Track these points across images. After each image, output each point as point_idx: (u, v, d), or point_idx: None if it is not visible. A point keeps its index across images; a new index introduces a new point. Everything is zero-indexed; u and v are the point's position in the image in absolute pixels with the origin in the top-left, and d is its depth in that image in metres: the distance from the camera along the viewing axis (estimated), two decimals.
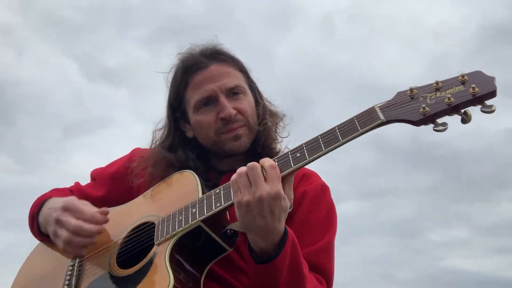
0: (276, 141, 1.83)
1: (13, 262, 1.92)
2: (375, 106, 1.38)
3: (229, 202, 1.46)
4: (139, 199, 1.76)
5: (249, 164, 1.38)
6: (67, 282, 1.64)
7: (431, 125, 1.31)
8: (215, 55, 1.79)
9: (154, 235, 1.55)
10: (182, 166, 1.74)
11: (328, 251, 1.66)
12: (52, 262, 1.78)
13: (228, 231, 1.53)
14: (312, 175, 1.81)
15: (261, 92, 1.90)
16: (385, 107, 1.37)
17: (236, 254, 1.62)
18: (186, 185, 1.63)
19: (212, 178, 1.76)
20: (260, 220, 1.35)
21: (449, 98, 1.28)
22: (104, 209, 1.67)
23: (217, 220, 1.52)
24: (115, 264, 1.58)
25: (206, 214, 1.47)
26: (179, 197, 1.60)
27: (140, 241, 1.60)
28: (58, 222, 1.63)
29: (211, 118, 1.72)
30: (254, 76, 1.88)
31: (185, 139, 1.83)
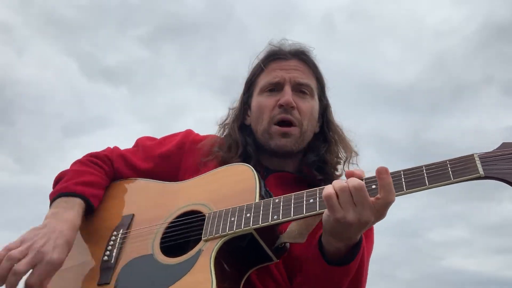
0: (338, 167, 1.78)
1: None
2: (474, 155, 1.22)
3: (287, 219, 1.37)
4: (191, 181, 1.69)
5: (357, 183, 1.24)
6: (107, 251, 1.62)
7: None
8: (299, 54, 1.81)
9: (202, 227, 1.49)
10: (243, 150, 1.76)
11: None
12: (95, 224, 1.77)
13: (280, 244, 1.46)
14: None
15: (334, 116, 1.86)
16: (485, 159, 1.21)
17: (275, 265, 1.55)
18: (244, 181, 1.54)
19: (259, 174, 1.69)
20: (352, 234, 1.32)
21: None
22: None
23: (270, 231, 1.45)
24: (159, 248, 1.53)
25: (261, 224, 1.39)
26: (235, 193, 1.53)
27: (187, 230, 1.54)
28: (45, 229, 1.50)
29: (271, 103, 1.73)
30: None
31: (243, 125, 1.85)
